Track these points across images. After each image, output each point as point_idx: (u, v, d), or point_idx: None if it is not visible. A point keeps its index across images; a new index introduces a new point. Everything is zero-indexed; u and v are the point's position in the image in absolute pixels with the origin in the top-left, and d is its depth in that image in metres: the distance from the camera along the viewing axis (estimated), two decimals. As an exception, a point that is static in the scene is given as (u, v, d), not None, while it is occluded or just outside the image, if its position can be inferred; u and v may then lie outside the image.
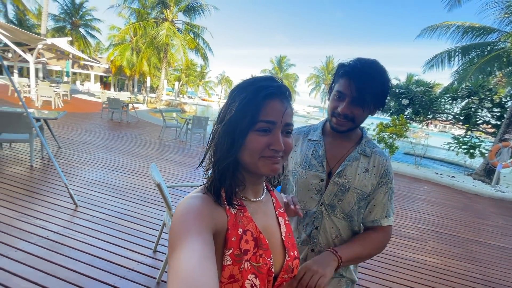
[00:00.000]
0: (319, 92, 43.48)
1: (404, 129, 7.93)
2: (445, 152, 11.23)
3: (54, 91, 10.81)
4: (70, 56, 16.37)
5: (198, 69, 43.02)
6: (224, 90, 48.60)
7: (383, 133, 8.06)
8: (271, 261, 0.59)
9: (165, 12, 17.54)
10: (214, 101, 42.56)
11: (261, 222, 0.62)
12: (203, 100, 43.56)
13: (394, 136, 7.80)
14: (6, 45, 11.70)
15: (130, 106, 11.03)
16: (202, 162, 0.61)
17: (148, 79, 25.79)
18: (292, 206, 0.82)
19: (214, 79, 49.57)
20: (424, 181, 7.12)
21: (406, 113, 9.98)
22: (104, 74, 30.67)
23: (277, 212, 0.70)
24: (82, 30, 28.03)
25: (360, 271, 2.58)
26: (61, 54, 14.98)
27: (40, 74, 17.95)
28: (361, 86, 0.85)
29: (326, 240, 0.97)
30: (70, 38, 16.02)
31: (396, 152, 8.07)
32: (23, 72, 26.11)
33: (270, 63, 44.94)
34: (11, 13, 24.81)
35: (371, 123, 9.31)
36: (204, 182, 0.59)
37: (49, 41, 10.46)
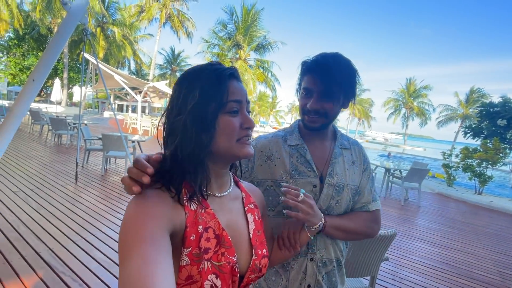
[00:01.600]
0: (399, 117, 39.16)
1: (501, 155, 6.45)
2: None
3: (152, 122, 13.58)
4: (168, 95, 20.41)
5: (270, 100, 45.80)
6: (293, 118, 49.59)
7: (470, 160, 6.73)
8: (235, 259, 0.55)
9: (239, 52, 20.09)
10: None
11: (226, 218, 0.58)
12: (274, 128, 45.43)
13: (485, 163, 6.41)
14: (126, 90, 15.70)
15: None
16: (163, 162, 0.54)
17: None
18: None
19: (285, 108, 51.54)
20: (534, 222, 5.47)
21: (508, 136, 8.09)
22: (191, 108, 36.18)
23: (246, 208, 0.65)
24: (178, 74, 34.56)
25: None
26: (161, 94, 18.87)
27: (146, 110, 22.84)
28: (325, 79, 0.82)
29: (324, 245, 0.92)
30: (167, 81, 20.08)
31: (490, 184, 6.54)
32: (136, 110, 33.63)
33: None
34: (132, 66, 33.11)
35: (455, 148, 7.91)
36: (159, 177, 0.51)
37: (152, 84, 13.47)
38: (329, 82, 0.82)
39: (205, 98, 0.52)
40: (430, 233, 4.12)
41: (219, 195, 0.59)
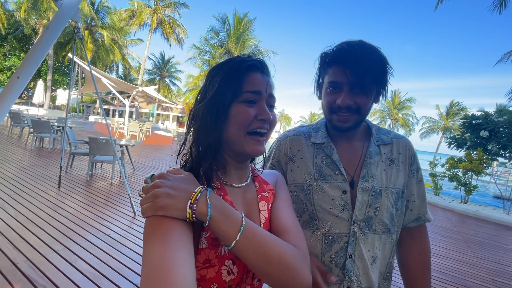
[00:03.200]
0: (385, 127, 40.31)
1: (484, 165, 6.69)
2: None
3: (139, 127, 13.24)
4: (156, 100, 20.07)
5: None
6: (283, 127, 50.01)
7: (456, 170, 6.94)
8: None
9: (231, 60, 20.17)
10: (273, 138, 43.97)
11: (242, 209, 0.58)
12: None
13: (470, 173, 6.63)
14: (113, 94, 15.31)
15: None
16: (182, 146, 0.59)
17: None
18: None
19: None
20: (517, 230, 5.65)
21: (489, 147, 8.45)
22: (180, 115, 35.80)
23: (259, 196, 0.63)
24: (167, 80, 34.23)
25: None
26: (150, 99, 18.57)
27: (134, 115, 22.34)
28: (356, 68, 0.70)
29: (364, 270, 0.75)
30: (156, 86, 19.82)
31: (474, 193, 6.75)
32: (123, 114, 32.84)
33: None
34: (120, 70, 32.52)
35: (440, 158, 8.16)
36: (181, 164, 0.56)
37: (140, 88, 13.20)
38: (361, 71, 0.70)
39: (222, 88, 0.53)
40: (422, 242, 4.14)
41: (238, 185, 0.59)
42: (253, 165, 0.67)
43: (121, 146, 5.25)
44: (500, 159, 8.33)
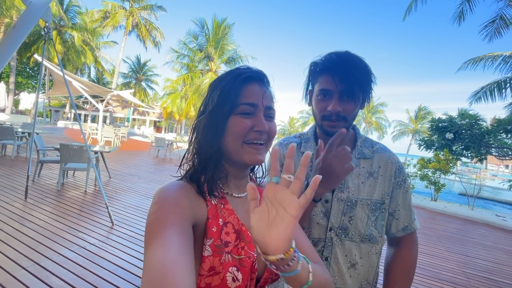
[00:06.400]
0: (360, 130, 42.18)
1: (450, 164, 7.21)
2: (507, 193, 9.62)
3: (114, 133, 12.66)
4: (132, 104, 19.33)
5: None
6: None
7: (426, 169, 7.41)
8: (255, 254, 0.55)
9: (209, 64, 20.05)
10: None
11: (243, 217, 0.58)
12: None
13: (439, 172, 7.11)
14: (85, 98, 14.51)
15: (174, 145, 12.21)
16: (183, 158, 0.61)
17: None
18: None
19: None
20: (481, 224, 6.13)
21: (454, 148, 9.13)
22: (157, 119, 34.77)
23: None
24: (143, 84, 33.14)
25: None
26: (125, 103, 17.81)
27: (108, 121, 21.30)
28: (345, 77, 0.76)
29: (339, 272, 0.81)
30: (132, 90, 19.12)
31: (443, 191, 7.24)
32: (96, 119, 31.19)
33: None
34: (92, 74, 30.99)
35: (411, 159, 8.67)
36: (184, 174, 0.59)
37: (116, 92, 12.67)
38: (350, 80, 0.76)
39: (220, 101, 0.54)
40: (399, 239, 4.35)
41: (237, 195, 0.60)
42: (253, 176, 0.67)
43: (95, 152, 4.98)
44: (464, 159, 9.03)
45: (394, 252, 0.91)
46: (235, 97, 0.54)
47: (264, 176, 0.81)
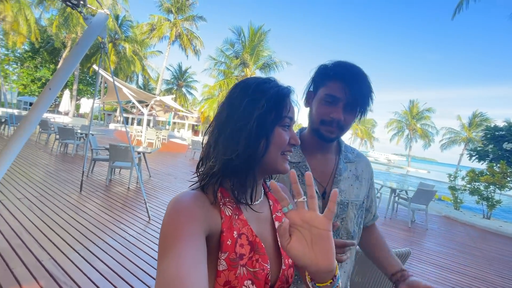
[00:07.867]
0: (402, 138, 39.21)
1: (508, 178, 6.36)
2: None
3: (156, 135, 13.70)
4: (173, 109, 20.75)
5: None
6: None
7: (476, 183, 6.64)
8: (269, 267, 0.55)
9: (245, 70, 20.61)
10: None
11: (256, 227, 0.58)
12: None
13: (493, 187, 6.31)
14: (133, 103, 16.02)
15: (209, 148, 12.75)
16: (199, 162, 0.62)
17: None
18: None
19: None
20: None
21: (514, 160, 8.03)
22: (195, 123, 36.59)
23: (273, 215, 0.64)
24: (184, 89, 35.26)
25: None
26: (167, 108, 19.19)
27: (151, 124, 23.13)
28: (356, 88, 0.76)
29: None
30: (173, 96, 20.48)
31: (498, 208, 6.40)
32: (141, 122, 34.04)
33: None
34: (140, 81, 34.00)
35: (460, 171, 7.83)
36: (199, 181, 0.58)
37: (158, 98, 13.73)
38: (358, 92, 0.77)
39: (269, 109, 0.54)
40: (439, 257, 3.99)
41: (251, 203, 0.60)
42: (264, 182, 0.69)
43: (138, 153, 5.50)
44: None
45: (367, 234, 1.01)
46: (282, 109, 0.56)
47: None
